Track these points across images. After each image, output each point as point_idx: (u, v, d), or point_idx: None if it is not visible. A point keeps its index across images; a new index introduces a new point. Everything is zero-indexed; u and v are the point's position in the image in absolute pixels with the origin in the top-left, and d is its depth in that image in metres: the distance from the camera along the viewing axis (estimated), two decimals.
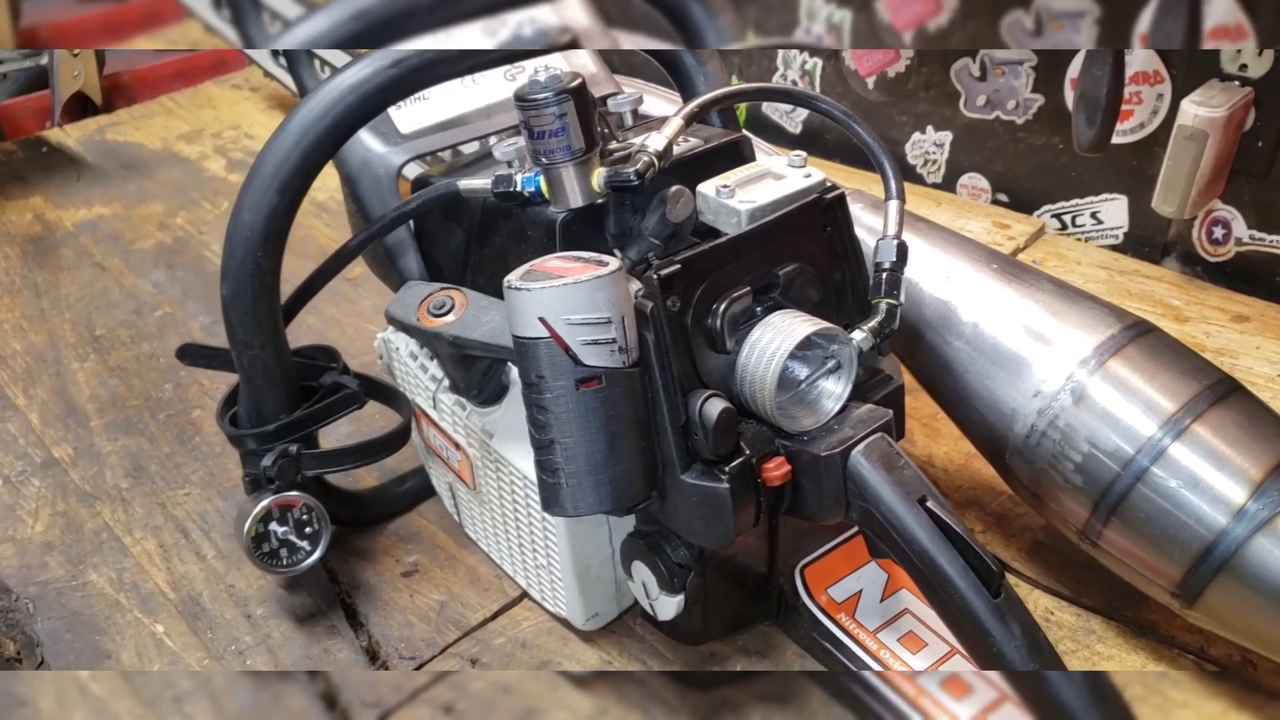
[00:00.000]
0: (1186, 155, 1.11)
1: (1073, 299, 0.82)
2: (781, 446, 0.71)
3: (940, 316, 0.85)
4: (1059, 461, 0.77)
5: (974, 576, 0.66)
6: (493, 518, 0.86)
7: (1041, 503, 0.81)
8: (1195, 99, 1.11)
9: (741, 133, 0.84)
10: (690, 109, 0.76)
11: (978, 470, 0.99)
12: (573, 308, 0.63)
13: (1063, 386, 0.78)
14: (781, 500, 0.72)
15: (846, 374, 0.73)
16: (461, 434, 0.84)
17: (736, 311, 0.71)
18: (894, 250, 0.77)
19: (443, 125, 0.89)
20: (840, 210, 0.77)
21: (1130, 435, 0.75)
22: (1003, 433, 0.81)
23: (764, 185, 0.76)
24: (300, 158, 0.75)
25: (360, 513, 0.96)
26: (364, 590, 0.90)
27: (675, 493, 0.70)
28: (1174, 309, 1.19)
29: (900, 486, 0.69)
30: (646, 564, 0.76)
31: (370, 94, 0.74)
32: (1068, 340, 0.79)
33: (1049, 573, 0.89)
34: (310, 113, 0.75)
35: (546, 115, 0.69)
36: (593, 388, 0.65)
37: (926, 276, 0.87)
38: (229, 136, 1.74)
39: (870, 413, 0.73)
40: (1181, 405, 0.74)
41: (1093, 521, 0.77)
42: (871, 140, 0.79)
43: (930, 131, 1.43)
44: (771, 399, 0.70)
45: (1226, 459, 0.72)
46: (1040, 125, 1.33)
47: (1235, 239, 1.22)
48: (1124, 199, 1.29)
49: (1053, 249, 1.31)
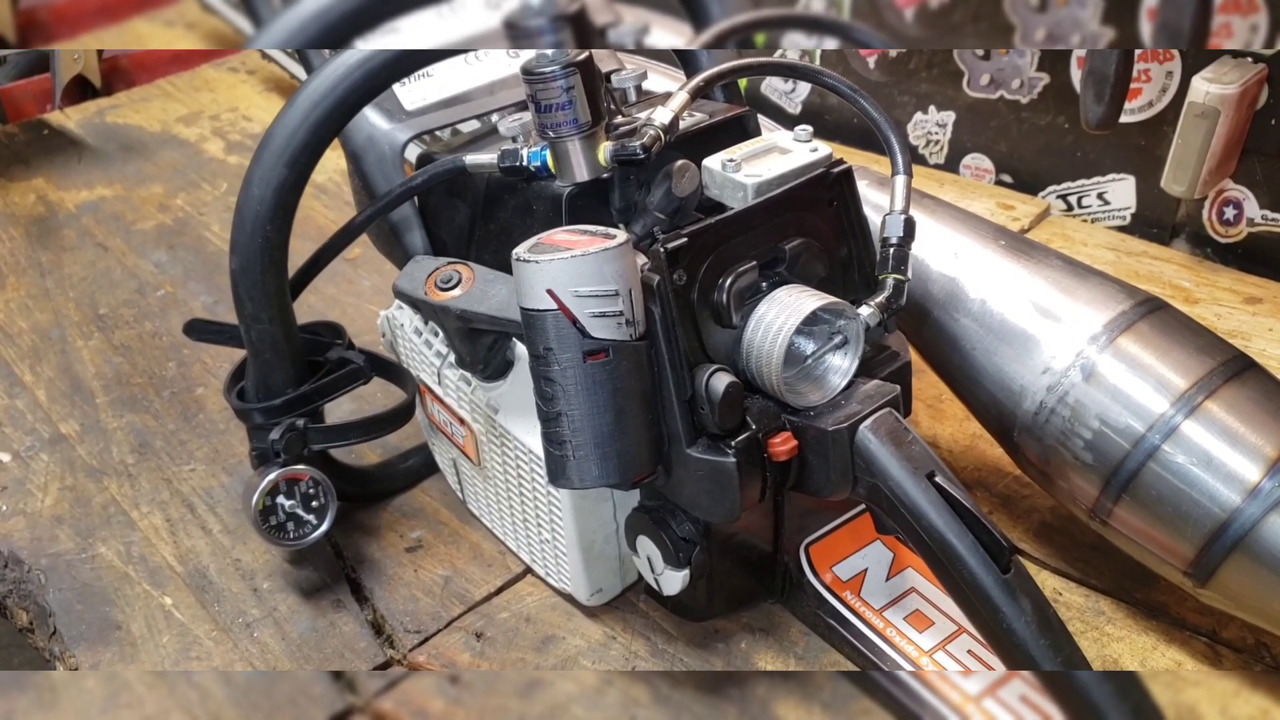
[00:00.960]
0: (1197, 133, 1.10)
1: (1082, 275, 0.82)
2: (788, 422, 0.71)
3: (947, 293, 0.85)
4: (1068, 439, 0.77)
5: (983, 552, 0.66)
6: (497, 493, 0.86)
7: (1050, 481, 0.80)
8: (1206, 75, 1.10)
9: (746, 108, 0.83)
10: (695, 83, 0.75)
11: (984, 451, 0.99)
12: (580, 280, 0.63)
13: (1072, 363, 0.77)
14: (787, 476, 0.72)
15: (853, 349, 0.73)
16: (466, 409, 0.83)
17: (742, 286, 0.71)
18: (901, 225, 0.76)
19: (447, 102, 0.88)
20: (847, 185, 0.77)
21: (1141, 412, 0.74)
22: (1011, 410, 0.80)
23: (770, 159, 0.75)
24: (308, 132, 0.74)
25: (365, 488, 0.96)
26: (369, 565, 0.90)
27: (681, 467, 0.70)
28: (1184, 290, 1.18)
29: (908, 462, 0.68)
30: (651, 539, 0.76)
31: (377, 69, 0.74)
32: (1077, 317, 0.79)
33: (1057, 554, 0.89)
34: (318, 88, 0.74)
35: (553, 88, 0.69)
36: (600, 360, 0.65)
37: (933, 253, 0.86)
38: (227, 119, 1.73)
39: (877, 388, 0.72)
40: (1194, 382, 0.74)
41: (1103, 500, 0.76)
42: (878, 115, 0.78)
43: (933, 111, 1.42)
44: (778, 374, 0.70)
45: (1240, 436, 0.71)
46: (1045, 104, 1.32)
47: (1247, 219, 1.21)
48: (1131, 179, 1.29)
49: (1059, 230, 1.31)
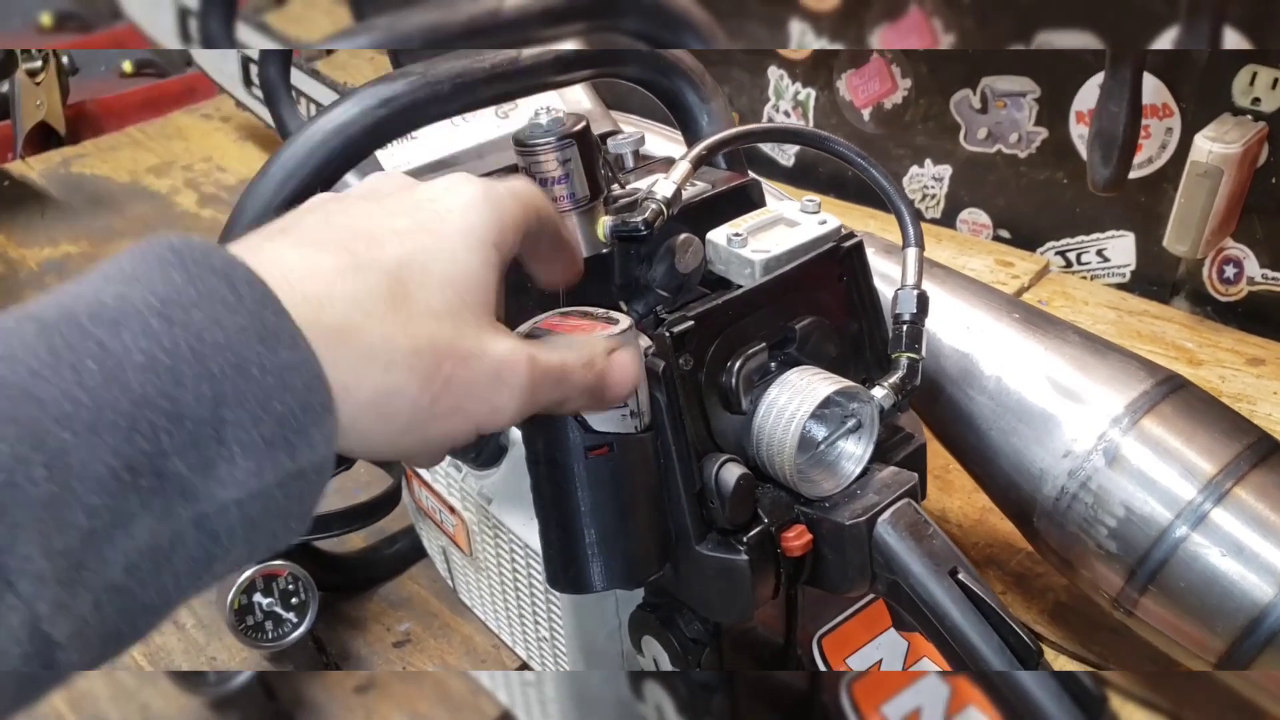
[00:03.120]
0: (1200, 192, 1.07)
1: (1101, 352, 0.78)
2: (801, 513, 0.67)
3: (961, 369, 0.81)
4: (1092, 526, 0.73)
5: (1010, 654, 0.62)
6: (490, 586, 0.81)
7: (1072, 569, 0.76)
8: (1209, 134, 1.07)
9: (749, 176, 0.79)
10: (698, 152, 0.71)
11: (994, 526, 0.95)
12: None
13: (1095, 446, 0.73)
14: (802, 570, 0.68)
15: (868, 434, 0.69)
16: (457, 497, 0.79)
17: (751, 369, 0.67)
18: (914, 301, 0.73)
19: (433, 166, 0.84)
20: (858, 259, 0.73)
21: (1169, 499, 0.70)
22: (1030, 494, 0.77)
23: (777, 233, 0.72)
24: (283, 204, 0.69)
25: (349, 577, 0.91)
26: (354, 661, 0.85)
27: (689, 564, 0.65)
28: (1187, 351, 1.15)
29: (929, 558, 0.64)
30: (658, 639, 0.71)
31: (357, 136, 0.70)
32: (1098, 396, 0.75)
33: (1074, 636, 0.85)
34: (294, 156, 0.70)
35: (549, 161, 0.65)
36: (603, 455, 0.60)
37: (945, 326, 0.83)
38: (200, 169, 1.68)
39: (894, 476, 0.68)
40: (1221, 467, 0.70)
41: (1128, 590, 0.72)
42: (888, 185, 0.75)
43: (929, 165, 1.39)
44: (791, 462, 0.65)
45: (1272, 525, 0.68)
46: (1044, 159, 1.29)
47: (1247, 278, 1.19)
48: (1131, 236, 1.26)
49: (1059, 288, 1.28)
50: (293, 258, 0.42)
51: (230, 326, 0.37)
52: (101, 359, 0.34)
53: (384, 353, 0.41)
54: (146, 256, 0.38)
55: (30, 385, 0.33)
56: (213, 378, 0.36)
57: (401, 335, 0.42)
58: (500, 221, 0.49)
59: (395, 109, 0.70)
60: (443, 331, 0.44)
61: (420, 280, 0.44)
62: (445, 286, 0.45)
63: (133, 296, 0.36)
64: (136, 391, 0.34)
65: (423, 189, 0.50)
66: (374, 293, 0.42)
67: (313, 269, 0.42)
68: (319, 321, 0.40)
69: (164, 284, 0.37)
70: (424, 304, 0.43)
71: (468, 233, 0.47)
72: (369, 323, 0.41)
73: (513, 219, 0.50)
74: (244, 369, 0.37)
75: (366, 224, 0.46)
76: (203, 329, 0.36)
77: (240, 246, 0.42)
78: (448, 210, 0.47)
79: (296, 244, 0.44)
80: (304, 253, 0.43)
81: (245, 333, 0.37)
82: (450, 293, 0.45)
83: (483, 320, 0.46)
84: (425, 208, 0.48)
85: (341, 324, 0.40)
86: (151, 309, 0.36)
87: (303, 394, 0.38)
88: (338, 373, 0.40)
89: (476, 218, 0.48)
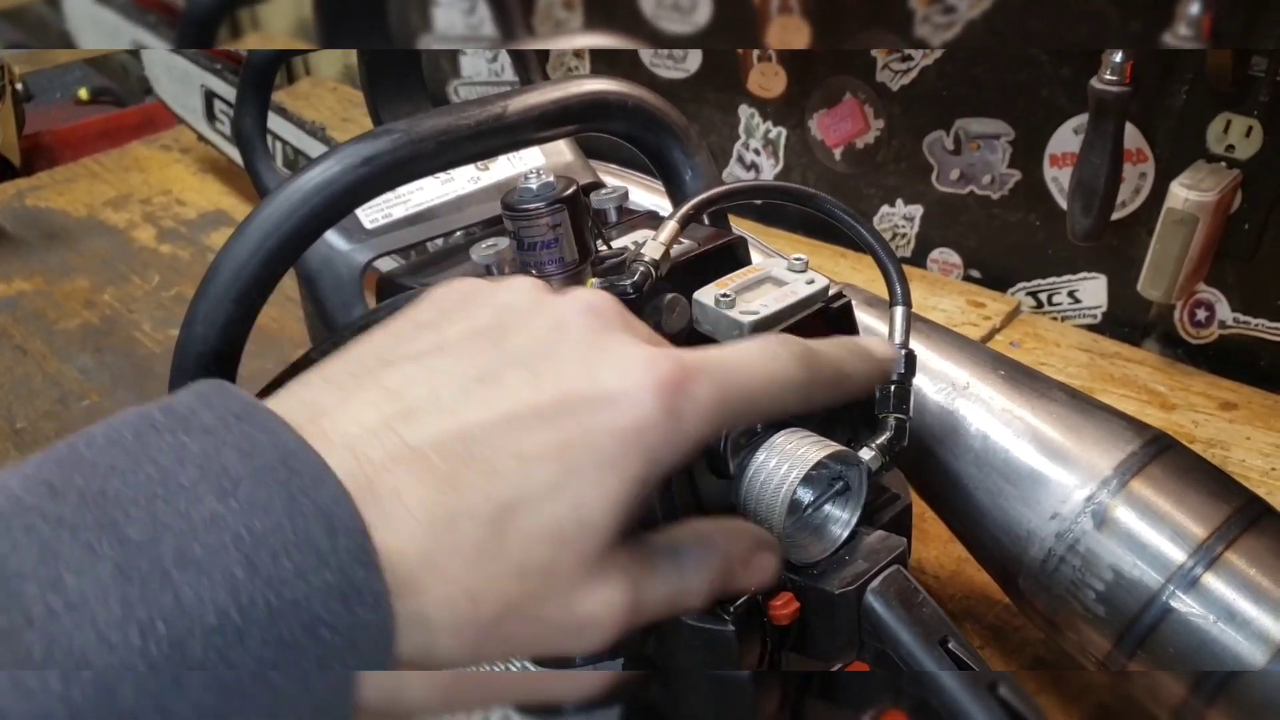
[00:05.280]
0: (1176, 239, 1.07)
1: (1088, 411, 0.78)
2: (788, 580, 0.66)
3: (945, 427, 0.80)
4: (1079, 590, 0.72)
5: None
6: None
7: (1058, 631, 0.76)
8: (1184, 181, 1.07)
9: (735, 234, 0.78)
10: (685, 211, 0.70)
11: (971, 577, 0.94)
12: None
13: (1083, 509, 0.73)
14: (787, 638, 0.66)
15: (855, 497, 0.67)
16: None
17: (739, 432, 0.66)
18: (901, 361, 0.72)
19: (411, 219, 0.82)
20: (846, 318, 0.72)
21: (1159, 563, 0.70)
22: (1016, 556, 0.76)
23: (764, 292, 0.70)
24: (260, 265, 0.67)
25: None
26: None
27: (673, 635, 0.64)
28: (1159, 395, 1.15)
29: (919, 627, 0.63)
30: None
31: (339, 195, 0.67)
32: (1086, 458, 0.74)
33: None
34: (271, 215, 0.67)
35: (539, 226, 0.64)
36: None
37: (928, 383, 0.82)
38: (159, 203, 1.64)
39: (882, 541, 0.67)
40: (1212, 531, 0.70)
41: (1116, 654, 0.72)
42: (875, 242, 0.74)
43: (900, 205, 1.39)
44: (779, 528, 0.64)
45: (1264, 591, 0.67)
46: (1017, 201, 1.29)
47: (1219, 321, 1.19)
48: (1103, 278, 1.26)
49: (1030, 329, 1.27)
50: (394, 480, 0.35)
51: (315, 583, 0.32)
52: (173, 620, 0.30)
53: (444, 621, 0.35)
54: (255, 451, 0.33)
55: (92, 648, 0.29)
56: (280, 643, 0.31)
57: (466, 601, 0.35)
58: (676, 442, 0.39)
59: (378, 167, 0.67)
60: (521, 590, 0.36)
61: (520, 530, 0.36)
62: (548, 538, 0.36)
63: (225, 526, 0.32)
64: (196, 657, 0.30)
65: (585, 359, 0.39)
66: (458, 549, 0.35)
67: (409, 507, 0.35)
68: (394, 571, 0.34)
69: (263, 513, 0.32)
70: (514, 562, 0.36)
71: (610, 467, 0.37)
72: (436, 587, 0.35)
73: (705, 426, 0.40)
74: (313, 629, 0.32)
75: (486, 432, 0.36)
76: (284, 583, 0.31)
77: (339, 431, 0.36)
78: (601, 429, 0.37)
79: (401, 452, 0.35)
80: (406, 475, 0.35)
81: (328, 590, 0.32)
82: (552, 545, 0.37)
83: (580, 570, 0.37)
84: (576, 411, 0.37)
85: (408, 581, 0.34)
86: (240, 549, 0.31)
87: (367, 656, 0.33)
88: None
89: (637, 445, 0.37)
